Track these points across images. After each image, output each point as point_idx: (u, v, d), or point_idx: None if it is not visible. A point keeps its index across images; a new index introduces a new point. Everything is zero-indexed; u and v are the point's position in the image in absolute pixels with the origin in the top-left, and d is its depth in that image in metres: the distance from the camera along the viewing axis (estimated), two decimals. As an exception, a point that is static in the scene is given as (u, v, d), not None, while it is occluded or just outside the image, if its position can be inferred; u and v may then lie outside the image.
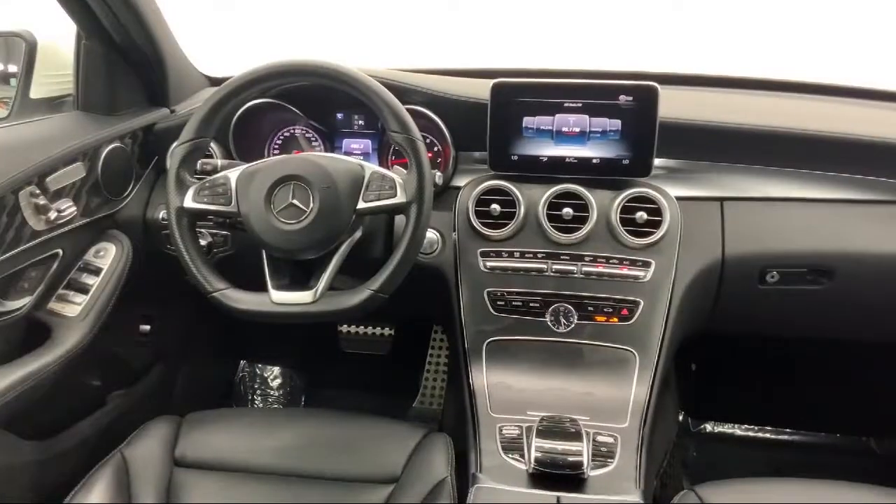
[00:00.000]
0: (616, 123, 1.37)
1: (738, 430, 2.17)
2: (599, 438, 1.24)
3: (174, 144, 1.23)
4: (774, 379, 2.10)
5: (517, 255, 1.40)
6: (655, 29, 2.26)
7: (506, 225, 1.40)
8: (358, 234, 1.22)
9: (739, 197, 1.44)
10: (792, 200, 1.44)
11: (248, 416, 1.48)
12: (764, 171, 1.46)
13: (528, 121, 1.40)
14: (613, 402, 1.32)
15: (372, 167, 1.20)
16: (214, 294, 1.19)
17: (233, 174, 1.20)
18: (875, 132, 1.43)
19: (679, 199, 1.41)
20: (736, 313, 1.53)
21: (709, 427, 2.17)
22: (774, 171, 1.46)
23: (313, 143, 1.56)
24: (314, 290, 1.16)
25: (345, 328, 2.29)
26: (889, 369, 1.93)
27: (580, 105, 1.38)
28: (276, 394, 2.29)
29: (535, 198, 1.40)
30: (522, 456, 1.20)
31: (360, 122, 1.54)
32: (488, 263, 1.41)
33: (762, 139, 1.44)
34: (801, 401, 2.09)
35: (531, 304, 1.39)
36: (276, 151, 1.58)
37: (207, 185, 1.20)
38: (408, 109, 1.23)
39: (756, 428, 2.16)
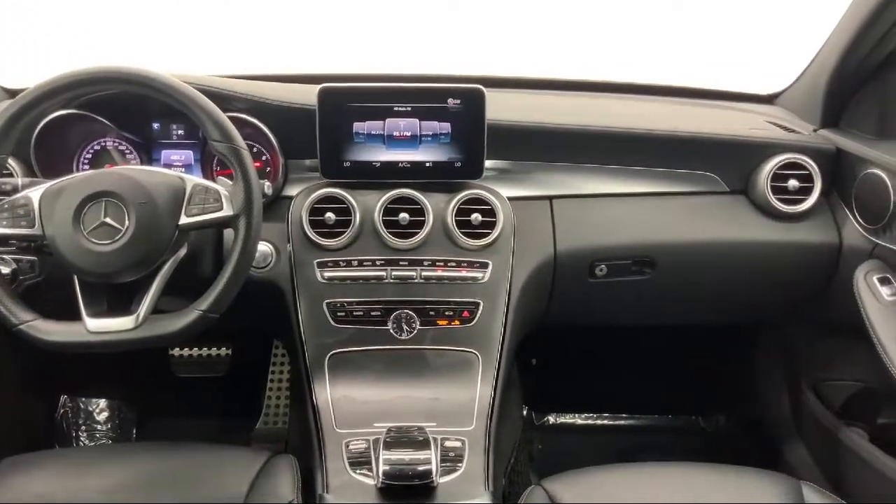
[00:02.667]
0: (446, 127, 1.38)
1: (579, 420, 2.25)
2: (447, 444, 1.23)
3: None
4: (610, 367, 2.20)
5: (355, 263, 1.37)
6: (482, 33, 2.31)
7: (342, 233, 1.37)
8: (183, 251, 1.15)
9: (567, 195, 1.49)
10: (614, 196, 1.51)
11: (72, 457, 1.36)
12: (588, 168, 1.52)
13: (358, 126, 1.37)
14: (459, 405, 1.32)
15: (193, 179, 1.13)
16: (21, 327, 1.08)
17: (35, 193, 1.10)
18: (686, 127, 1.53)
19: (511, 199, 1.43)
20: (570, 307, 1.58)
21: (552, 419, 2.24)
22: (598, 168, 1.52)
23: (128, 156, 1.45)
24: (135, 314, 1.08)
25: (176, 351, 2.16)
26: (709, 351, 2.07)
27: (409, 109, 1.37)
28: (104, 428, 2.12)
29: (370, 204, 1.38)
30: (371, 470, 1.17)
31: (180, 131, 1.45)
32: (326, 274, 1.37)
33: (585, 138, 1.50)
34: (635, 386, 2.20)
35: (372, 313, 1.37)
36: (85, 167, 1.45)
37: (6, 206, 1.09)
38: (230, 117, 1.17)
39: (595, 416, 2.25)
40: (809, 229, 1.52)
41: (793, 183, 1.49)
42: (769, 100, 1.87)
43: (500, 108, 1.44)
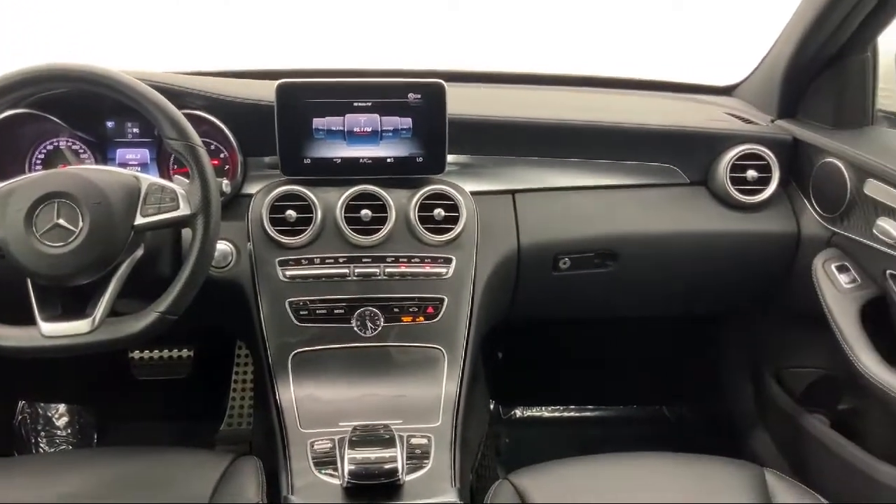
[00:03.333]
0: (407, 122, 1.37)
1: (545, 412, 2.26)
2: (413, 441, 1.22)
3: None
4: (575, 359, 2.21)
5: (317, 261, 1.36)
6: (439, 28, 2.30)
7: (303, 231, 1.35)
8: (139, 252, 1.13)
9: (529, 188, 1.50)
10: (576, 189, 1.52)
11: (32, 464, 1.34)
12: (550, 162, 1.52)
13: (318, 122, 1.35)
14: (425, 401, 1.31)
15: (149, 178, 1.11)
16: None
17: None
18: (646, 120, 1.54)
19: (474, 193, 1.43)
20: (535, 301, 1.58)
21: (518, 412, 2.24)
22: (559, 161, 1.52)
23: (82, 156, 1.42)
24: (91, 317, 1.06)
25: (136, 354, 2.12)
26: (673, 341, 2.09)
27: (370, 104, 1.36)
28: (64, 434, 2.08)
29: (331, 201, 1.37)
30: (336, 470, 1.16)
31: (135, 130, 1.42)
32: (288, 272, 1.35)
33: (546, 131, 1.50)
34: (600, 378, 2.21)
35: (336, 311, 1.35)
36: (38, 167, 1.42)
37: None
38: (186, 114, 1.15)
39: (562, 408, 2.26)
40: (768, 219, 1.54)
41: (751, 173, 1.50)
42: (727, 91, 1.88)
43: (462, 103, 1.44)
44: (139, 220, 1.08)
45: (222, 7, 2.30)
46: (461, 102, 1.43)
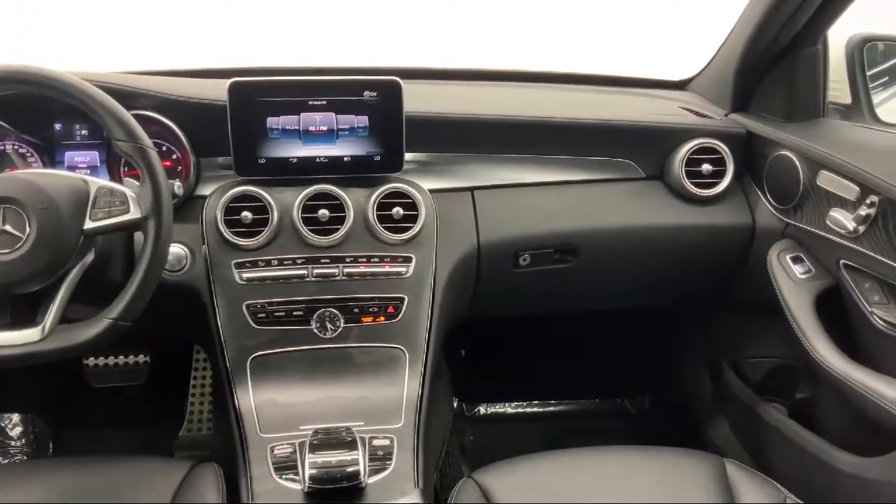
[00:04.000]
0: (363, 120, 1.35)
1: (509, 409, 2.26)
2: (375, 442, 1.21)
3: None
4: (537, 355, 2.22)
5: (275, 262, 1.34)
6: (399, 25, 2.29)
7: (259, 232, 1.33)
8: (90, 257, 1.10)
9: (488, 185, 1.49)
10: (536, 185, 1.52)
11: None
12: (509, 158, 1.52)
13: (272, 121, 1.33)
14: (387, 402, 1.30)
15: (98, 181, 1.08)
16: None
17: None
18: (601, 115, 1.55)
19: (432, 191, 1.42)
20: (496, 298, 1.58)
21: (482, 409, 2.24)
22: (518, 158, 1.52)
23: (29, 160, 1.38)
24: (42, 325, 1.03)
25: (91, 361, 2.07)
26: (633, 334, 2.11)
27: (325, 103, 1.34)
28: (18, 444, 2.02)
29: (288, 201, 1.35)
30: (297, 475, 1.14)
31: (83, 132, 1.38)
32: (244, 275, 1.33)
33: (503, 128, 1.50)
34: (563, 372, 2.22)
35: (294, 313, 1.33)
36: (-16, 172, 1.38)
37: None
38: (136, 115, 1.13)
39: (525, 404, 2.26)
40: (724, 212, 1.56)
41: (706, 167, 1.52)
42: (681, 86, 1.90)
43: (418, 100, 1.43)
44: (89, 225, 1.06)
45: (173, 3, 2.26)
46: (418, 100, 1.42)
